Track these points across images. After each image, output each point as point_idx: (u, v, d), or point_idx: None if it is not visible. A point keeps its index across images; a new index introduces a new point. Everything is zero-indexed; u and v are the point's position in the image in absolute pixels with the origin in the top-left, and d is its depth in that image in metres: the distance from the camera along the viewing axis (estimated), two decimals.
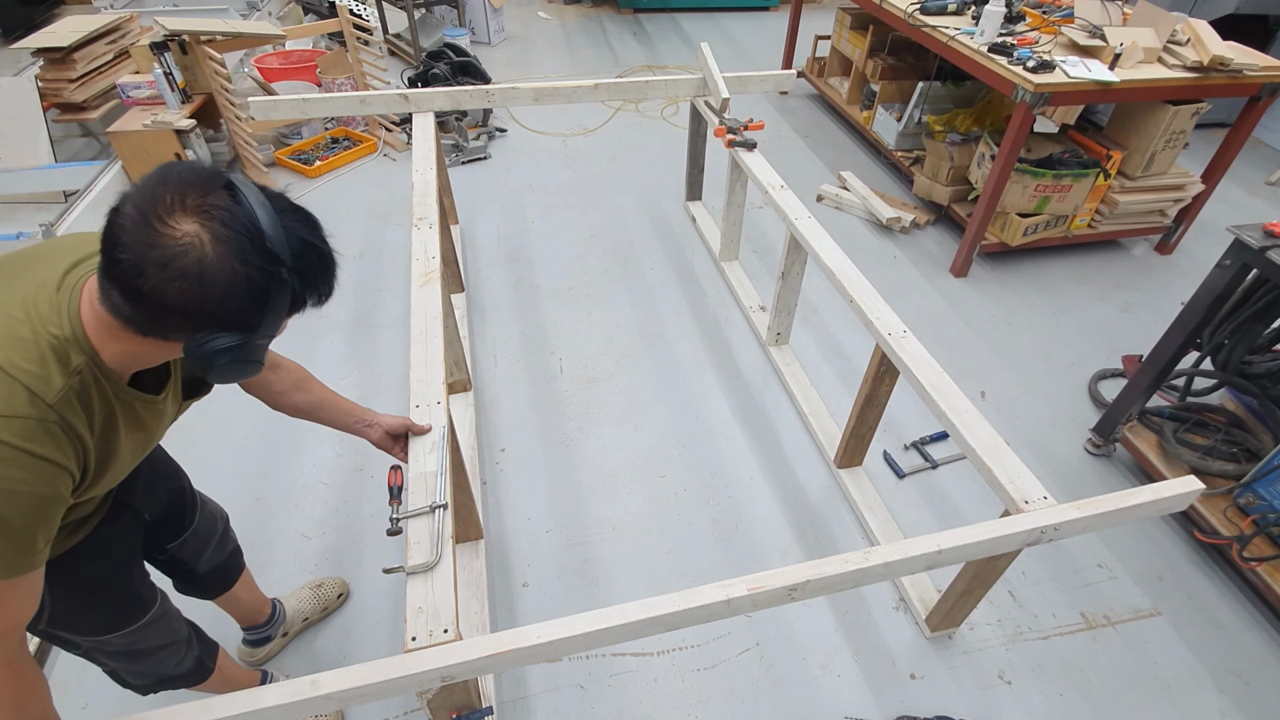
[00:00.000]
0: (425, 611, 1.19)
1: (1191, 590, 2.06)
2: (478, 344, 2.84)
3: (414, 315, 1.82)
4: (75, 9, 5.83)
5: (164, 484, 1.41)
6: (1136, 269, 3.41)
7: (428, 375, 1.64)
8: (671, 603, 1.18)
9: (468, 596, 1.92)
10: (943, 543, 1.30)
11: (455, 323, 2.32)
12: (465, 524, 1.99)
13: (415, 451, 1.46)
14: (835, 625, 1.95)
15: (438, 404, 1.55)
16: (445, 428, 1.50)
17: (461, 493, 1.87)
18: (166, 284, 0.79)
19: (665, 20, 6.65)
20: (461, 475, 1.82)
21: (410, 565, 1.24)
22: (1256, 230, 1.87)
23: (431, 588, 1.22)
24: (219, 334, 0.84)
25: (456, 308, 2.96)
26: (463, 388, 2.55)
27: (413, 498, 1.35)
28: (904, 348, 1.77)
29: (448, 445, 1.47)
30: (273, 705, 1.03)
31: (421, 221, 2.21)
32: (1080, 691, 1.82)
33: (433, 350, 1.71)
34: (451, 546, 1.28)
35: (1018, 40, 2.94)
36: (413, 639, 1.15)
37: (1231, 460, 2.17)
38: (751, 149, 2.71)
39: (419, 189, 2.38)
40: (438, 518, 1.31)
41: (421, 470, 1.41)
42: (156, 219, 0.79)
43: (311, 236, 0.92)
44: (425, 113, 2.85)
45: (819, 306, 3.10)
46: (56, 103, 3.65)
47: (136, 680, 1.39)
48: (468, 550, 2.05)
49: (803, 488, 2.31)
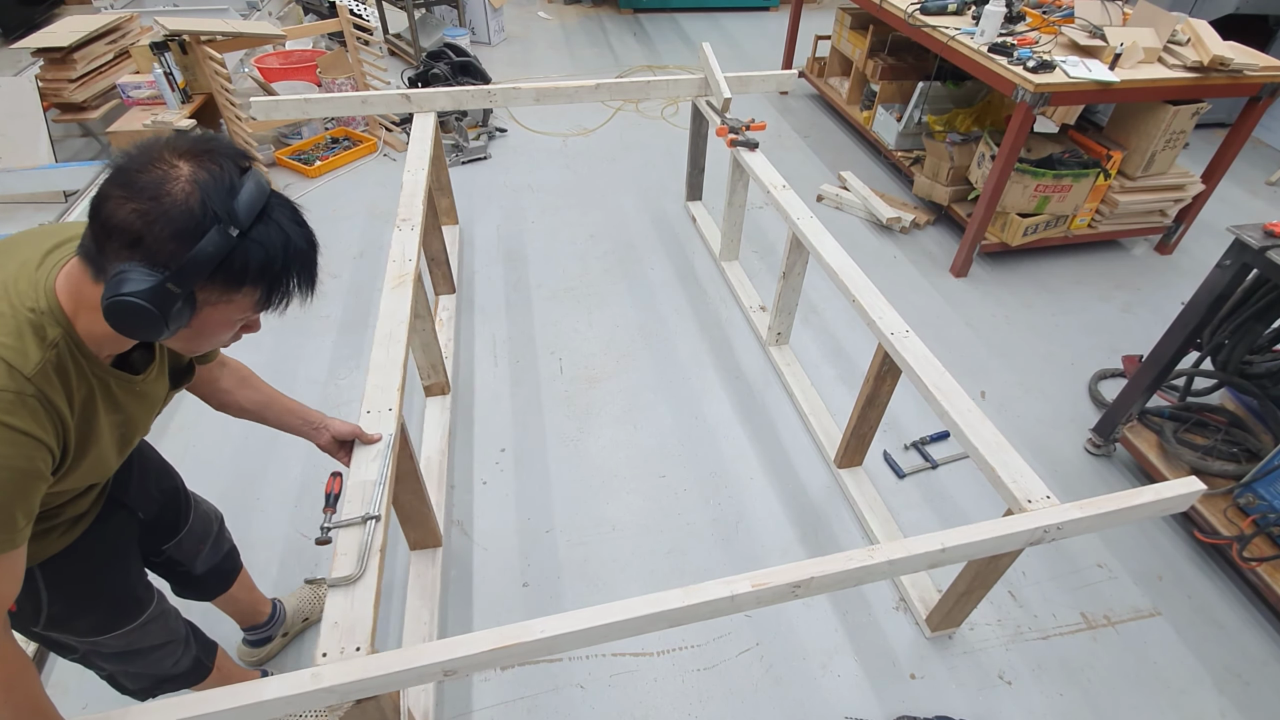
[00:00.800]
0: (341, 627, 1.16)
1: (1191, 590, 2.06)
2: (475, 344, 2.84)
3: (381, 318, 1.81)
4: (75, 9, 5.83)
5: (156, 484, 1.41)
6: (1136, 269, 3.41)
7: (384, 380, 1.61)
8: (676, 598, 1.18)
9: (418, 605, 1.89)
10: (947, 541, 1.30)
11: (433, 325, 2.29)
12: (422, 531, 1.96)
13: (359, 459, 1.42)
14: (836, 625, 1.95)
15: (389, 411, 1.53)
16: (393, 436, 1.47)
17: (417, 499, 1.83)
18: (125, 199, 0.81)
19: (665, 20, 6.65)
20: (416, 482, 1.78)
21: (332, 578, 1.22)
22: (1256, 230, 1.87)
23: (352, 603, 1.19)
24: (138, 268, 0.81)
25: (445, 309, 2.96)
26: (440, 390, 2.52)
27: (348, 507, 1.32)
28: (907, 347, 1.77)
29: (393, 455, 1.44)
30: (273, 698, 1.03)
31: (404, 223, 2.19)
32: (1080, 691, 1.82)
33: (393, 355, 1.69)
34: (380, 560, 1.26)
35: (1018, 40, 2.95)
36: (323, 654, 1.12)
37: (1231, 460, 2.17)
38: (753, 149, 2.71)
39: (407, 189, 2.37)
40: (369, 530, 1.28)
41: (361, 479, 1.38)
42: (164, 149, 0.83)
43: (290, 227, 0.91)
44: (427, 113, 2.86)
45: (819, 306, 3.10)
46: (56, 103, 3.65)
47: (133, 684, 1.39)
48: (424, 558, 2.01)
49: (803, 488, 2.31)
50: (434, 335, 2.32)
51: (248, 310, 0.93)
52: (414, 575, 1.97)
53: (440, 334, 2.80)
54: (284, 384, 2.63)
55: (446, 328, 2.86)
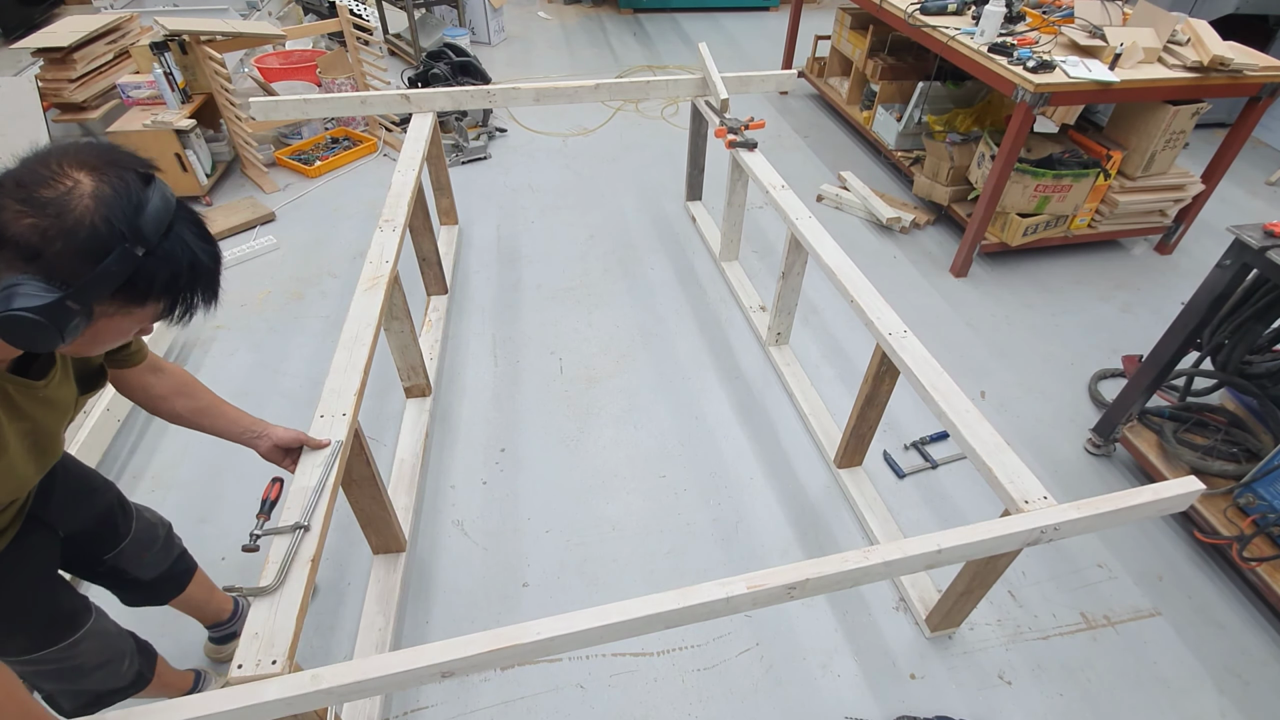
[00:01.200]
0: (260, 638, 1.13)
1: (1191, 590, 2.06)
2: (475, 344, 2.84)
3: (348, 320, 1.77)
4: (75, 9, 5.83)
5: (86, 499, 1.39)
6: (1136, 269, 3.41)
7: (342, 384, 1.58)
8: (672, 600, 1.18)
9: (374, 611, 1.86)
10: (943, 542, 1.30)
11: (411, 327, 2.26)
12: (384, 536, 1.94)
13: (304, 465, 1.39)
14: (835, 625, 1.95)
15: (343, 416, 1.51)
16: (341, 442, 1.44)
17: (376, 504, 1.80)
18: (23, 213, 0.77)
19: (665, 20, 6.65)
20: (374, 488, 1.74)
21: (249, 587, 1.19)
22: (1256, 230, 1.87)
23: (274, 613, 1.17)
24: (35, 280, 0.77)
25: (435, 310, 2.94)
26: (421, 392, 2.50)
27: (284, 514, 1.30)
28: (904, 348, 1.77)
29: (340, 461, 1.41)
30: (274, 699, 1.03)
31: (387, 224, 2.17)
32: (1080, 691, 1.82)
33: (356, 358, 1.66)
34: (308, 572, 1.23)
35: (1018, 40, 2.94)
36: (238, 666, 1.09)
37: (1231, 460, 2.17)
38: (752, 149, 2.71)
39: (395, 190, 2.35)
40: (295, 539, 1.26)
41: (301, 485, 1.35)
42: (63, 159, 0.79)
43: (196, 244, 0.89)
44: (425, 113, 2.85)
45: (819, 306, 3.10)
46: (56, 103, 3.65)
47: (71, 703, 1.37)
48: (386, 562, 1.99)
49: (803, 488, 2.31)
50: (413, 337, 2.29)
51: (146, 321, 0.92)
52: (374, 580, 1.94)
53: (428, 335, 2.79)
54: (276, 383, 2.67)
55: (435, 329, 2.83)
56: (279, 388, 2.58)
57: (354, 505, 1.79)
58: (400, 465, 2.27)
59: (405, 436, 2.37)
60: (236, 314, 2.92)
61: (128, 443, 2.37)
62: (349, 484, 1.70)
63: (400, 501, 2.15)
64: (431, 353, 2.71)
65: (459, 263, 3.30)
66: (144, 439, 2.39)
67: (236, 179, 3.84)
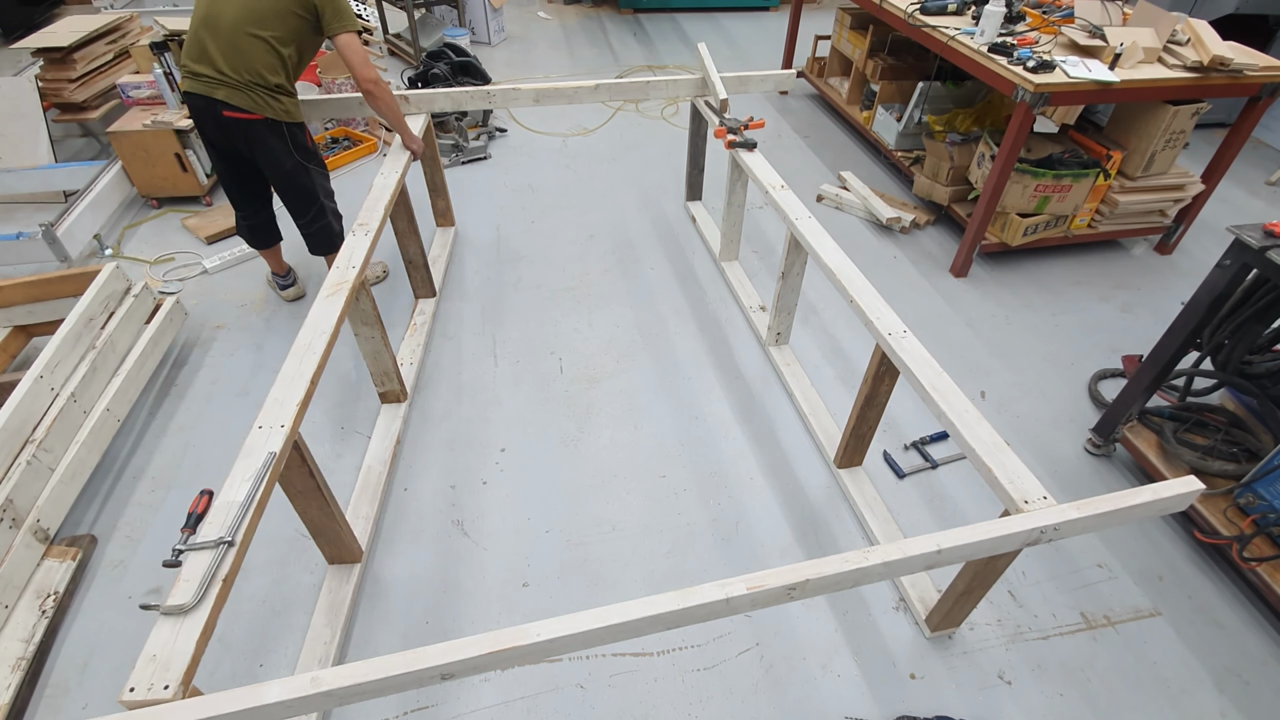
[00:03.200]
0: (158, 661, 1.08)
1: (1191, 590, 2.06)
2: (475, 344, 2.84)
3: (304, 327, 1.72)
4: (75, 9, 5.83)
5: None
6: (1136, 269, 3.41)
7: (285, 394, 1.54)
8: (671, 601, 1.18)
9: (322, 624, 1.83)
10: (942, 542, 1.30)
11: (382, 332, 2.22)
12: (337, 546, 1.90)
13: (233, 478, 1.35)
14: (835, 625, 1.95)
15: (282, 428, 1.47)
16: (274, 455, 1.41)
17: (324, 515, 1.77)
18: None
19: (665, 20, 6.65)
20: (321, 498, 1.71)
21: (166, 605, 1.13)
22: (1256, 230, 1.87)
23: (176, 635, 1.12)
24: None
25: (421, 314, 2.91)
26: (395, 398, 2.47)
27: (207, 528, 1.26)
28: (904, 348, 1.77)
29: (271, 474, 1.38)
30: (274, 701, 1.03)
31: (360, 228, 2.13)
32: (1080, 691, 1.82)
33: (305, 367, 1.61)
34: (224, 590, 1.20)
35: (1018, 40, 2.94)
36: (130, 690, 1.05)
37: (1231, 460, 2.17)
38: (752, 149, 2.71)
39: (374, 193, 2.32)
40: (218, 555, 1.22)
41: (228, 499, 1.31)
42: None
43: None
44: (418, 115, 2.84)
45: (819, 306, 3.10)
46: (56, 103, 3.65)
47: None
48: (340, 573, 1.95)
49: (803, 488, 2.31)
50: (385, 343, 2.26)
51: None
52: (325, 592, 1.90)
53: (411, 339, 2.76)
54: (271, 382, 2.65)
55: (419, 333, 2.80)
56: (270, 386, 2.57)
57: (301, 515, 1.75)
58: (366, 473, 2.23)
59: (375, 443, 2.34)
60: (236, 314, 2.92)
61: (128, 442, 2.37)
62: (293, 494, 1.67)
63: (362, 511, 2.11)
64: (412, 357, 2.67)
65: (455, 263, 3.30)
66: (144, 439, 2.39)
67: None
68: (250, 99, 2.29)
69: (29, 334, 2.63)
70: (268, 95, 2.31)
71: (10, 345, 2.55)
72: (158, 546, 2.07)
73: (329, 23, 2.31)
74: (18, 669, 1.70)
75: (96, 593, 1.96)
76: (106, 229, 3.38)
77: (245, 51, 2.25)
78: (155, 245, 3.33)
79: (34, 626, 1.79)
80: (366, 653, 1.85)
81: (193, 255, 3.26)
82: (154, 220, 3.51)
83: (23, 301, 2.53)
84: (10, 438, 1.97)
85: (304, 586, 1.99)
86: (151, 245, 3.33)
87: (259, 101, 2.30)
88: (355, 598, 1.94)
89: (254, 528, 1.31)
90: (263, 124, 2.35)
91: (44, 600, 1.85)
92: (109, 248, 3.28)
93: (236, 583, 1.98)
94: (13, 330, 2.56)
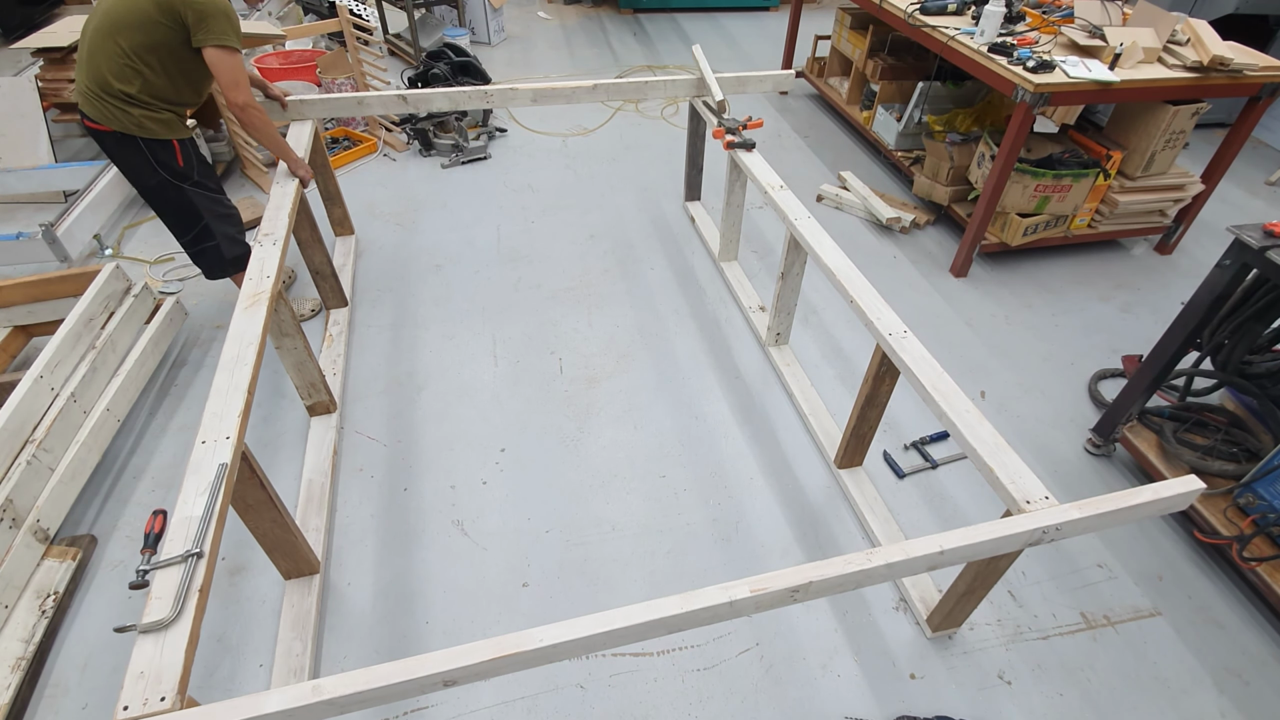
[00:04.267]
0: (146, 676, 1.08)
1: (1191, 590, 2.06)
2: (475, 344, 2.84)
3: (228, 340, 1.71)
4: (75, 9, 5.83)
5: None
6: (1136, 269, 3.41)
7: (223, 407, 1.53)
8: (675, 605, 1.18)
9: (290, 637, 1.81)
10: (945, 543, 1.30)
11: (305, 343, 2.18)
12: (293, 560, 1.88)
13: (186, 493, 1.34)
14: (835, 625, 1.95)
15: (227, 439, 1.46)
16: (226, 467, 1.40)
17: (279, 528, 1.75)
18: None
19: (665, 20, 6.65)
20: (274, 510, 1.69)
21: (143, 623, 1.13)
22: (1256, 230, 1.87)
23: (161, 649, 1.12)
24: None
25: (335, 324, 2.85)
26: (324, 410, 2.41)
27: (169, 545, 1.26)
28: (905, 348, 1.77)
29: (226, 486, 1.37)
30: (275, 710, 1.03)
31: (266, 238, 2.08)
32: (1080, 691, 1.82)
33: (238, 379, 1.60)
34: (200, 601, 1.20)
35: (1018, 40, 2.94)
36: (124, 708, 1.05)
37: (1231, 460, 2.17)
38: (750, 149, 2.71)
39: (274, 202, 2.27)
40: (188, 568, 1.22)
41: (186, 515, 1.30)
42: None
43: None
44: (304, 121, 2.76)
45: (819, 306, 3.10)
46: (56, 103, 3.65)
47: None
48: (300, 586, 1.93)
49: (803, 488, 2.31)
50: (308, 353, 2.21)
51: None
52: (287, 605, 1.88)
53: (329, 350, 2.71)
54: (275, 383, 2.66)
55: (337, 343, 2.75)
56: (277, 388, 2.58)
57: (254, 531, 1.73)
58: (309, 485, 2.20)
59: (310, 455, 2.29)
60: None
61: (127, 443, 2.37)
62: (244, 510, 1.65)
63: (311, 522, 2.08)
64: (334, 368, 2.63)
65: (453, 264, 3.29)
66: (144, 439, 2.39)
67: (236, 179, 3.84)
68: (98, 109, 2.15)
69: (29, 334, 2.63)
70: (115, 105, 2.14)
71: (10, 345, 2.55)
72: None
73: (195, 34, 2.10)
74: (18, 669, 1.70)
75: (96, 593, 1.96)
76: (106, 229, 3.37)
77: (95, 57, 2.12)
78: (155, 245, 3.33)
79: (34, 626, 1.79)
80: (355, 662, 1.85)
81: None
82: (154, 220, 3.50)
83: (23, 301, 2.53)
84: (10, 438, 1.97)
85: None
86: (151, 245, 3.33)
87: (107, 112, 2.15)
88: (320, 609, 1.91)
89: (218, 540, 1.31)
90: (112, 137, 2.20)
91: (44, 600, 1.85)
92: (109, 248, 3.28)
93: (236, 583, 1.98)
94: (13, 330, 2.56)
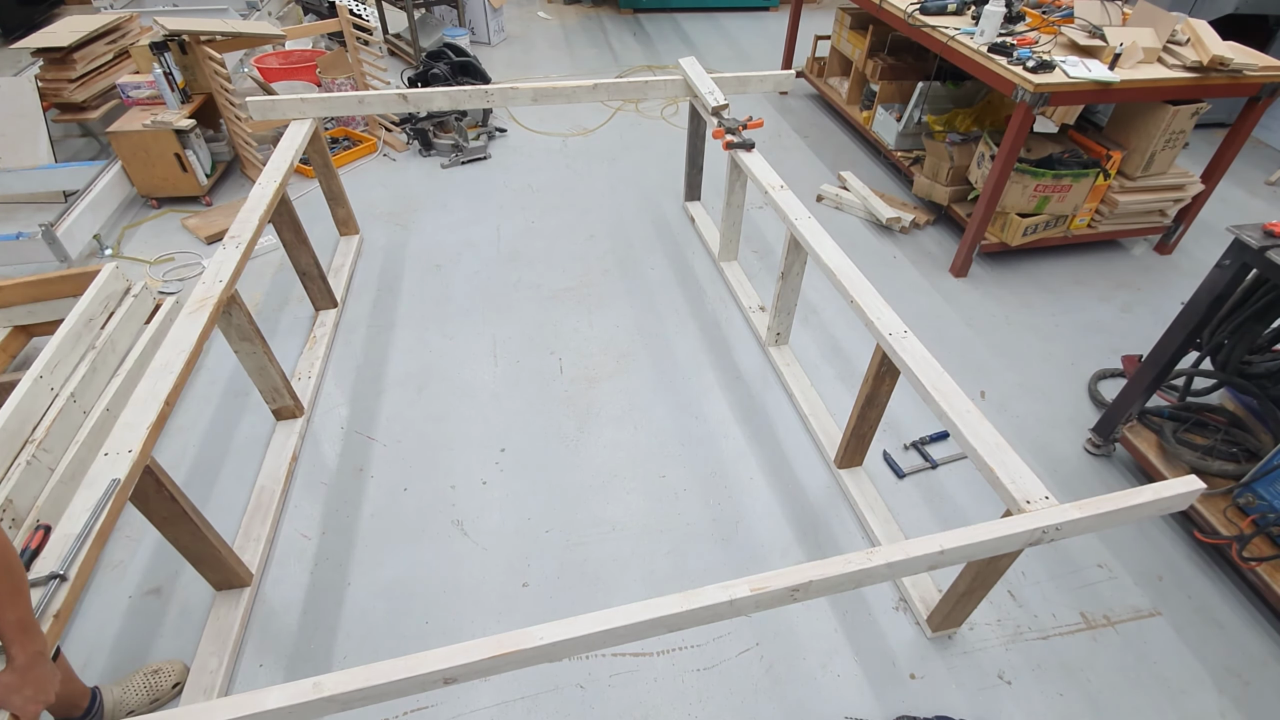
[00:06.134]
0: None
1: (1191, 590, 2.06)
2: (475, 344, 2.84)
3: (163, 346, 1.66)
4: (75, 9, 5.83)
5: None
6: (1136, 269, 3.41)
7: (135, 418, 1.47)
8: (675, 604, 1.18)
9: (208, 652, 1.76)
10: (945, 543, 1.30)
11: (264, 347, 2.13)
12: (222, 571, 1.83)
13: (73, 509, 1.29)
14: (835, 625, 1.95)
15: (129, 453, 1.40)
16: (118, 482, 1.34)
17: (198, 541, 1.69)
18: None
19: (665, 20, 6.65)
20: (189, 523, 1.64)
21: None
22: (1256, 230, 1.87)
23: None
24: None
25: (321, 325, 2.82)
26: (290, 414, 2.40)
27: (43, 563, 1.21)
28: (905, 348, 1.77)
29: (112, 504, 1.32)
30: (275, 708, 1.03)
31: (231, 240, 2.03)
32: (1080, 691, 1.82)
33: (159, 389, 1.54)
34: (57, 626, 1.15)
35: (1018, 40, 2.94)
36: None
37: (1231, 460, 2.17)
38: (750, 149, 2.71)
39: (250, 204, 2.22)
40: (47, 592, 1.16)
41: (65, 532, 1.25)
42: None
43: None
44: (303, 120, 2.75)
45: (819, 306, 3.10)
46: (56, 103, 3.65)
47: None
48: (229, 598, 1.88)
49: (803, 488, 2.31)
50: (267, 357, 2.17)
51: None
52: (212, 618, 1.83)
53: (310, 352, 2.69)
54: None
55: (319, 345, 2.73)
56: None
57: (174, 544, 1.68)
58: (260, 492, 2.16)
59: (269, 461, 2.27)
60: None
61: None
62: (160, 522, 1.61)
63: (254, 531, 2.05)
64: (311, 370, 2.60)
65: (453, 264, 3.29)
66: None
67: (236, 179, 3.84)
68: None
69: (29, 334, 2.63)
70: None
71: (10, 345, 2.55)
72: (158, 546, 2.07)
73: None
74: None
75: (96, 593, 1.96)
76: (106, 229, 3.37)
77: None
78: (155, 245, 3.33)
79: None
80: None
81: (192, 255, 3.26)
82: (154, 220, 3.51)
83: (23, 301, 2.53)
84: (10, 438, 1.96)
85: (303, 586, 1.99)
86: (151, 245, 3.33)
87: None
88: (245, 623, 1.87)
89: (92, 560, 1.25)
90: None
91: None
92: (109, 248, 3.28)
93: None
94: (13, 330, 2.56)
